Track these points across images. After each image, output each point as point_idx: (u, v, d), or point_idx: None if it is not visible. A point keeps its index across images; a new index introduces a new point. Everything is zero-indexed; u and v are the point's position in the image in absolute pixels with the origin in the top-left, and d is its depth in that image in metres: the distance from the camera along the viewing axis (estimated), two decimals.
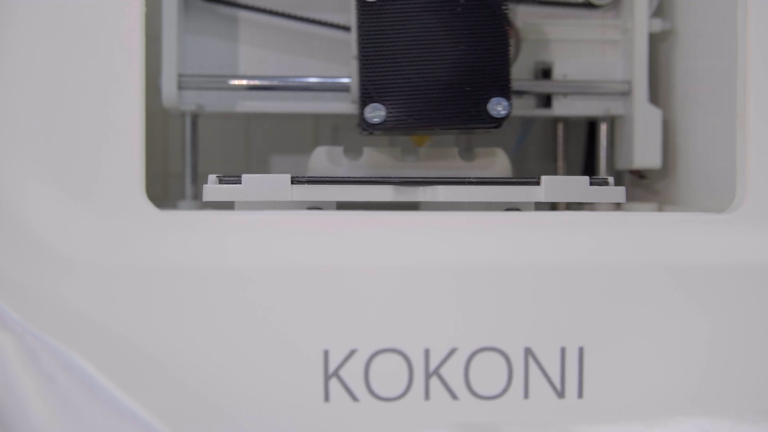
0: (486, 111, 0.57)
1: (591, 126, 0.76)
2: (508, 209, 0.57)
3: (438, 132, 0.62)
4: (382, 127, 0.57)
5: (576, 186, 0.54)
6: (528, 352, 0.50)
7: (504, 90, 0.57)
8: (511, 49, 0.59)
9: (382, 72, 0.57)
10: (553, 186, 0.53)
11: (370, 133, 0.58)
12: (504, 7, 0.57)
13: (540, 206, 0.59)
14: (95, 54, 0.50)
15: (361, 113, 0.57)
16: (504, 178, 0.60)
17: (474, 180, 0.53)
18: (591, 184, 0.54)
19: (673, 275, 0.51)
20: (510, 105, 0.57)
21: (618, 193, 0.54)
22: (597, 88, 0.69)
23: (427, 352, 0.50)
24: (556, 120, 0.74)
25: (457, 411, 0.50)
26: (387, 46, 0.57)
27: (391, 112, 0.57)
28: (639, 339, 0.51)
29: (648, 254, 0.51)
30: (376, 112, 0.57)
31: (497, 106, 0.57)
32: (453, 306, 0.50)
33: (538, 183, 0.53)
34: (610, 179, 0.55)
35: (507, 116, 0.57)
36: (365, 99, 0.57)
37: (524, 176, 0.68)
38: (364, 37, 0.57)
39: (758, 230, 0.52)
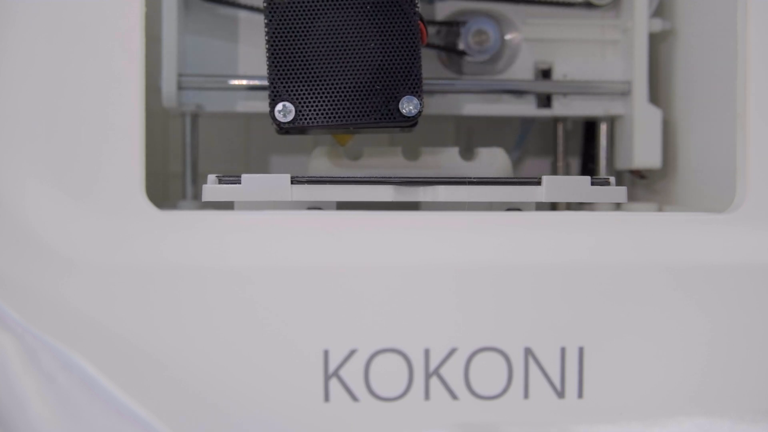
0: (397, 110, 0.56)
1: (589, 126, 0.76)
2: (508, 209, 0.57)
3: (353, 131, 0.61)
4: (292, 126, 0.56)
5: (577, 186, 0.54)
6: (528, 352, 0.50)
7: (415, 88, 0.56)
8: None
9: (291, 71, 0.56)
10: (555, 186, 0.53)
11: (287, 132, 0.58)
12: (415, 5, 0.56)
13: (540, 206, 0.59)
14: (95, 54, 0.50)
15: (271, 112, 0.56)
16: (504, 178, 0.60)
17: (474, 180, 0.53)
18: (592, 184, 0.54)
19: (673, 275, 0.51)
20: (421, 103, 0.56)
21: (619, 193, 0.54)
22: (597, 88, 0.69)
23: (427, 352, 0.50)
24: (556, 120, 0.74)
25: (457, 411, 0.50)
26: (296, 44, 0.56)
27: (301, 111, 0.56)
28: (639, 339, 0.51)
29: (648, 254, 0.51)
30: (285, 111, 0.56)
31: (408, 105, 0.56)
32: (453, 306, 0.50)
33: (539, 183, 0.53)
34: (612, 179, 0.55)
35: (419, 114, 0.56)
36: (274, 98, 0.56)
37: (524, 176, 0.68)
38: (273, 36, 0.56)
39: (758, 230, 0.52)
